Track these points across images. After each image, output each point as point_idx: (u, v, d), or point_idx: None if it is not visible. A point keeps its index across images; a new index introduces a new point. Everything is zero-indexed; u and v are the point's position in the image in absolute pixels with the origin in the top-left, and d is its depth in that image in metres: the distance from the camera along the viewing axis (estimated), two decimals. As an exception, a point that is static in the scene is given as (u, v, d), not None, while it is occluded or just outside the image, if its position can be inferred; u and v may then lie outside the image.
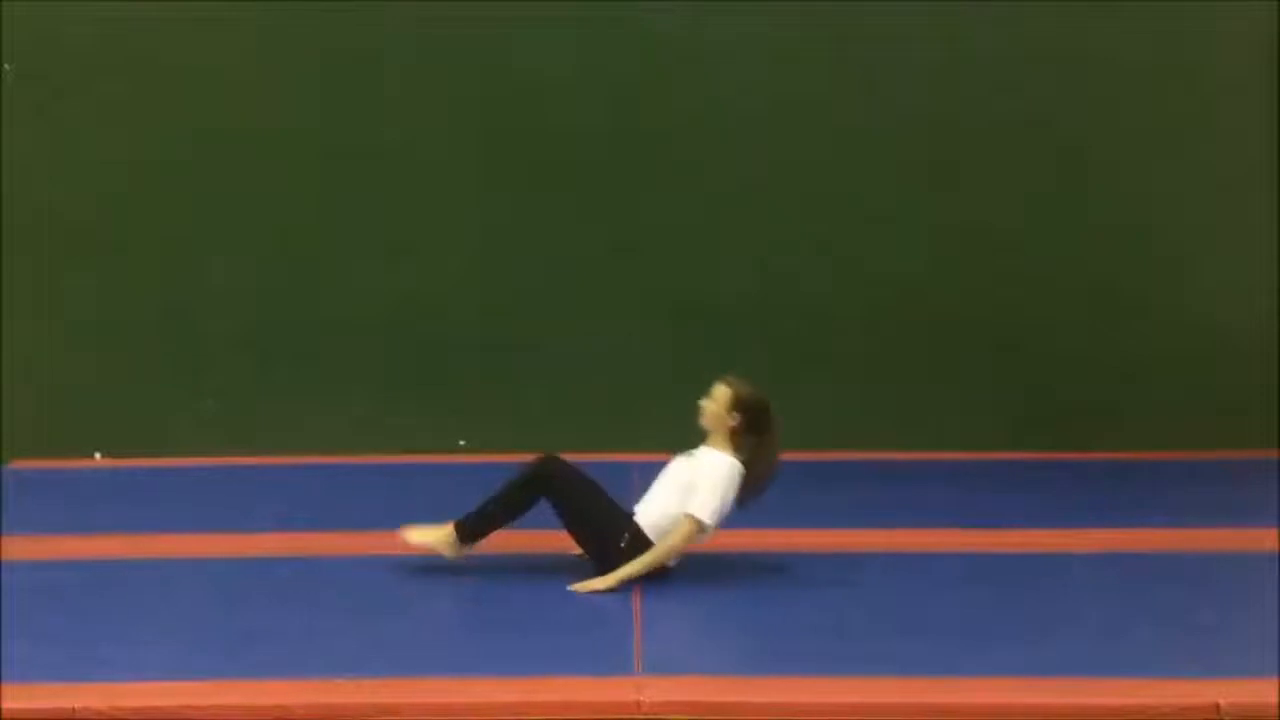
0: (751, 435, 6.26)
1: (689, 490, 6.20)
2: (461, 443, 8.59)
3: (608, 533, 6.21)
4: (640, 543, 6.17)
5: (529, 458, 6.45)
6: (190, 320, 8.61)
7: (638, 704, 5.04)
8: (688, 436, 6.69)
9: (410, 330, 8.62)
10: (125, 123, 8.49)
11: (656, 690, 5.10)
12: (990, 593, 6.12)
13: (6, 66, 8.42)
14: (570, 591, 6.10)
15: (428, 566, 6.48)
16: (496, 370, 8.64)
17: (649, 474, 7.97)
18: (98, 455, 8.55)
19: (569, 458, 8.34)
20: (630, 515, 6.28)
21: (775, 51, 8.52)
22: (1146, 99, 8.57)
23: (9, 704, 4.97)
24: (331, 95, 8.52)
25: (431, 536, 6.32)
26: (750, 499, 6.27)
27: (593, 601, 6.01)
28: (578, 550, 6.39)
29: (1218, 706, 5.01)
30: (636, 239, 8.58)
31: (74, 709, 4.99)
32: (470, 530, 6.29)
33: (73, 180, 8.51)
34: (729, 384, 6.31)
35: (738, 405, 6.26)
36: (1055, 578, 6.35)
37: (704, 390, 8.54)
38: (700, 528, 6.15)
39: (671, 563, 6.23)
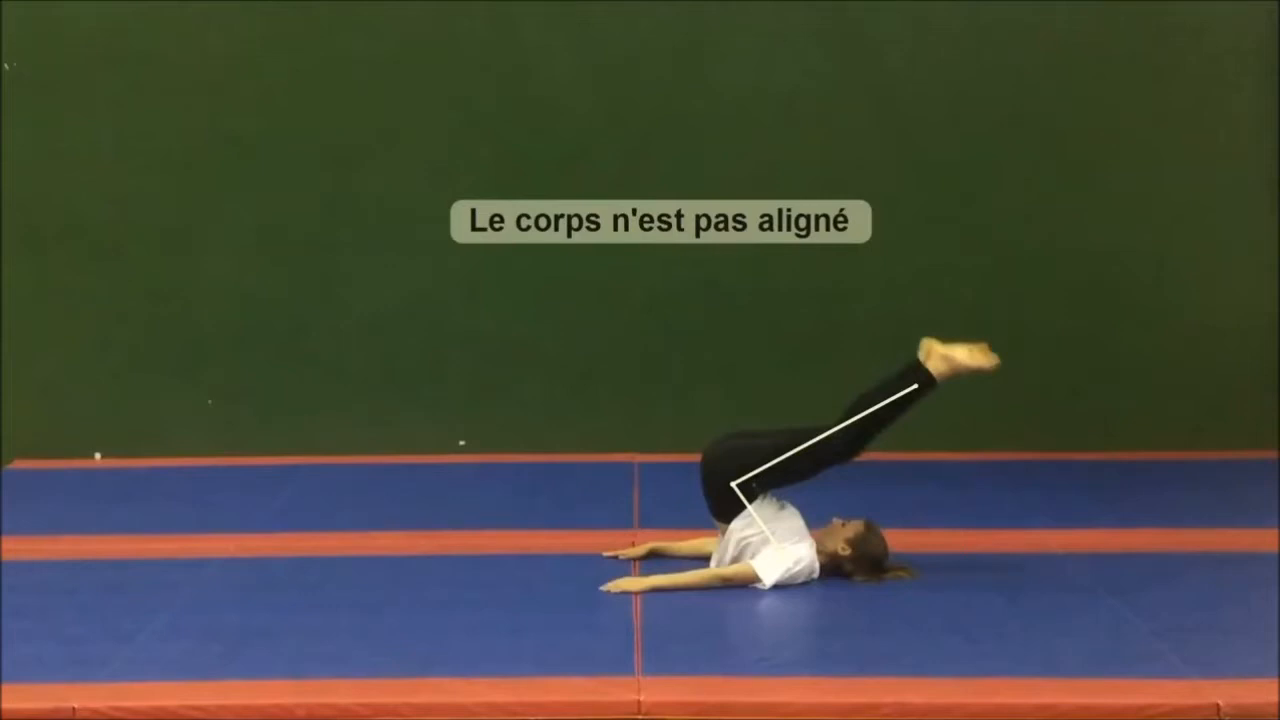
0: (858, 572, 6.26)
1: (780, 538, 6.18)
2: (461, 443, 8.60)
3: (750, 463, 6.20)
4: (733, 502, 6.19)
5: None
6: (190, 320, 8.61)
7: (638, 704, 5.03)
8: (689, 436, 6.68)
9: (410, 330, 8.63)
10: (126, 122, 8.49)
11: (656, 690, 5.10)
12: (990, 593, 6.12)
13: (6, 65, 8.42)
14: (570, 592, 6.10)
15: (428, 566, 6.49)
16: (496, 370, 8.64)
17: (650, 474, 8.01)
18: (98, 455, 8.55)
19: (569, 458, 8.40)
20: (754, 491, 6.23)
21: (774, 45, 8.52)
22: (1146, 98, 8.57)
23: (9, 704, 4.97)
24: (332, 93, 8.52)
25: None
26: None
27: (593, 602, 6.01)
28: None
29: (1218, 707, 5.00)
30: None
31: (74, 709, 4.98)
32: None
33: (73, 179, 8.51)
34: (865, 526, 6.27)
35: (855, 547, 6.25)
36: (1055, 578, 6.35)
37: (704, 388, 8.61)
38: (756, 581, 6.17)
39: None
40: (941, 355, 6.24)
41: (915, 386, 6.24)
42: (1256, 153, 8.56)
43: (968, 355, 6.24)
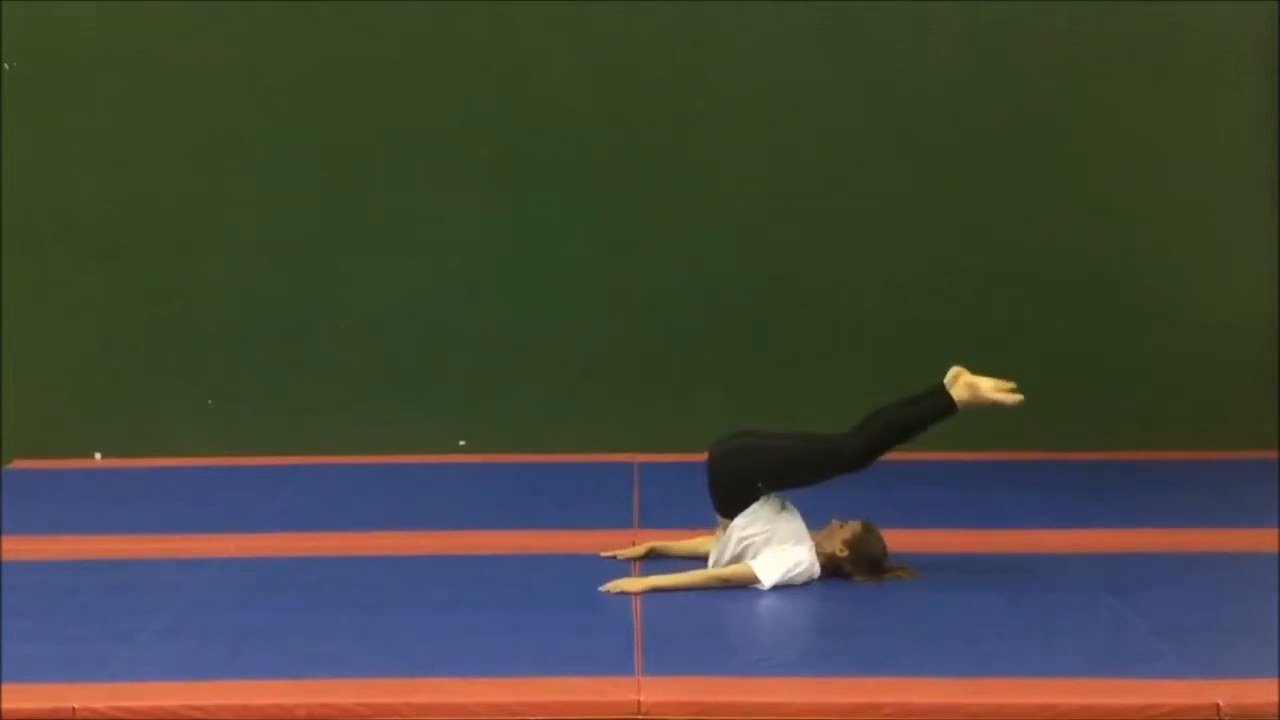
0: (857, 573, 6.27)
1: (780, 539, 6.20)
2: (461, 443, 8.60)
3: (756, 473, 6.22)
4: (738, 499, 6.21)
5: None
6: (190, 320, 8.61)
7: (638, 704, 5.03)
8: (689, 436, 6.66)
9: (410, 330, 8.62)
10: (126, 122, 8.49)
11: (656, 690, 5.10)
12: (990, 592, 6.12)
13: (6, 65, 8.42)
14: (570, 592, 6.10)
15: (428, 566, 6.48)
16: (496, 370, 8.64)
17: (650, 474, 8.01)
18: (98, 455, 8.55)
19: (569, 458, 8.40)
20: (759, 490, 6.24)
21: (774, 45, 8.52)
22: (1146, 98, 8.57)
23: (9, 704, 4.97)
24: (332, 93, 8.52)
25: None
26: None
27: (593, 602, 6.01)
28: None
29: (1218, 707, 5.00)
30: (637, 237, 8.59)
31: (74, 709, 4.99)
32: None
33: (73, 179, 8.51)
34: (862, 527, 6.28)
35: (852, 548, 6.26)
36: (1055, 578, 6.35)
37: (704, 388, 8.60)
38: (755, 582, 6.17)
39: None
40: (967, 383, 6.30)
41: (935, 408, 6.27)
42: (1256, 153, 8.56)
43: (992, 388, 6.30)
